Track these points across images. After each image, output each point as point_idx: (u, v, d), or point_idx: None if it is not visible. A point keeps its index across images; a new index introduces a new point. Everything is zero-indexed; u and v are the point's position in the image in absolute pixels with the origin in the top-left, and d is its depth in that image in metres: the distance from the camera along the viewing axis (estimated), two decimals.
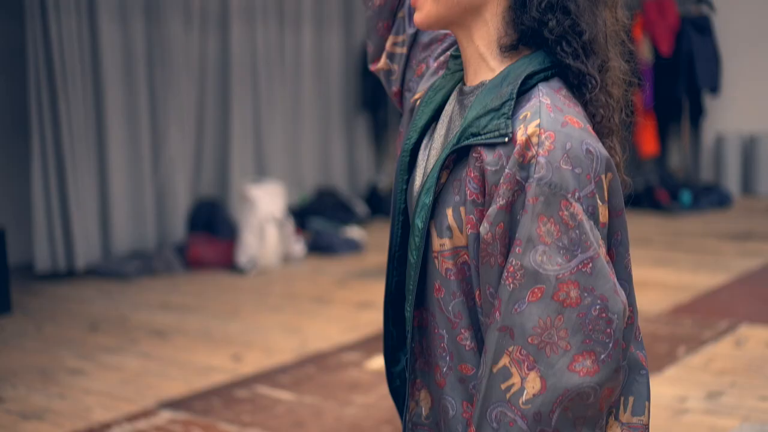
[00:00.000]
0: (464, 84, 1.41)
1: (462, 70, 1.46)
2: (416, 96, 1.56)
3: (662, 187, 8.59)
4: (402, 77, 1.63)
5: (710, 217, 8.16)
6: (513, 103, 1.25)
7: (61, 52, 6.30)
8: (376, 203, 8.43)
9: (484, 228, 1.22)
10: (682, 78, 8.67)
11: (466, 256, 1.28)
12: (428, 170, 1.39)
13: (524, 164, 1.20)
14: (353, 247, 7.07)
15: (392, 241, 1.48)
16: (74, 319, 5.45)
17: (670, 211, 8.29)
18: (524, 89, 1.28)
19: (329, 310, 5.52)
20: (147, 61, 6.89)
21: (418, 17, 1.39)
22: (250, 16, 7.67)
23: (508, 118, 1.24)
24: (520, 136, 1.22)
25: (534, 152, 1.20)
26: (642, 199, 8.41)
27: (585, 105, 1.32)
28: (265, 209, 6.60)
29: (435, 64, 1.57)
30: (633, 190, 1.45)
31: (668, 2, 8.79)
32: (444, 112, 1.44)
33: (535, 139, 1.21)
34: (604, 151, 1.24)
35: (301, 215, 7.60)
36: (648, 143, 8.72)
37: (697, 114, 9.01)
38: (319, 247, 7.06)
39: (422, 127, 1.46)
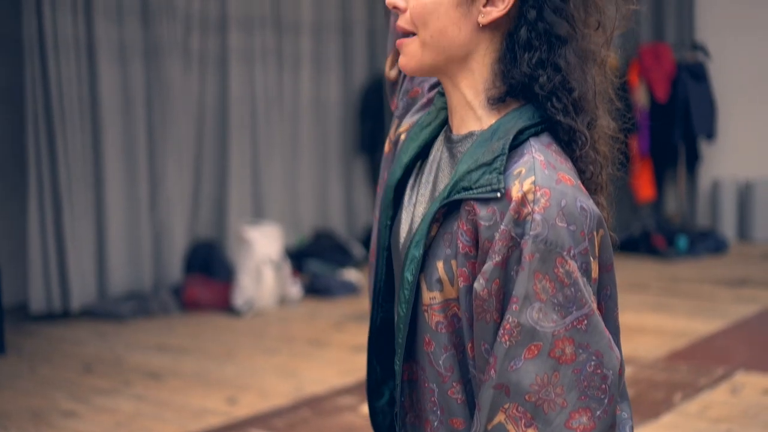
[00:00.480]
0: (450, 130, 1.41)
1: (429, 123, 1.47)
2: (402, 129, 1.56)
3: (659, 232, 8.60)
4: (400, 91, 1.65)
5: (706, 262, 8.16)
6: (505, 158, 1.26)
7: (60, 91, 6.33)
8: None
9: (479, 284, 1.22)
10: (678, 124, 8.71)
11: (456, 308, 1.28)
12: (416, 217, 1.39)
13: (520, 221, 1.21)
14: (350, 289, 7.06)
15: (376, 276, 1.49)
16: (69, 360, 5.43)
17: (667, 256, 8.30)
18: (515, 144, 1.28)
19: (325, 353, 5.50)
20: (145, 102, 6.92)
21: (402, 61, 1.39)
22: (249, 58, 7.72)
23: (500, 173, 1.25)
24: (516, 192, 1.22)
25: (530, 209, 1.20)
26: (638, 244, 8.42)
27: (575, 161, 1.33)
28: (262, 251, 6.59)
29: (428, 94, 1.58)
30: (629, 236, 1.47)
31: (664, 49, 8.86)
32: (432, 157, 1.44)
33: (530, 196, 1.21)
34: (595, 208, 1.25)
35: (298, 257, 7.60)
36: (644, 188, 8.75)
37: (693, 160, 9.04)
38: (315, 289, 7.05)
39: (407, 164, 1.46)
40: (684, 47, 9.03)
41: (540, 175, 1.23)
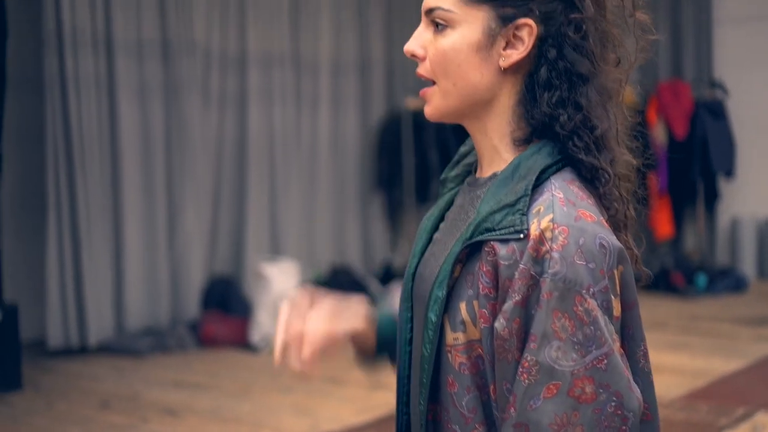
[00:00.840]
0: (475, 176, 1.42)
1: (454, 189, 1.49)
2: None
3: (677, 270, 8.55)
4: None
5: (726, 300, 8.11)
6: (528, 199, 1.26)
7: (80, 129, 6.38)
8: (391, 282, 8.42)
9: (500, 324, 1.22)
10: (697, 161, 8.69)
11: (480, 349, 1.27)
12: (440, 260, 1.38)
13: (538, 259, 1.20)
14: None
15: (401, 333, 1.48)
16: (86, 396, 5.43)
17: (686, 294, 8.25)
18: (537, 183, 1.28)
19: (342, 390, 5.48)
20: (164, 139, 6.96)
21: (427, 110, 1.39)
22: (268, 97, 7.76)
23: (523, 215, 1.24)
24: (534, 230, 1.22)
25: (548, 247, 1.20)
26: (657, 282, 8.37)
27: (599, 198, 1.32)
28: (279, 287, 6.59)
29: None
30: (651, 279, 1.46)
31: (682, 86, 8.86)
32: (455, 204, 1.45)
33: (548, 234, 1.21)
34: (617, 243, 1.24)
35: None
36: (663, 226, 8.71)
37: (712, 197, 9.01)
38: None
39: (420, 251, 1.47)
40: (702, 84, 9.02)
41: (558, 213, 1.22)
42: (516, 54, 1.32)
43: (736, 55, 9.10)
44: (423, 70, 1.37)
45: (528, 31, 1.31)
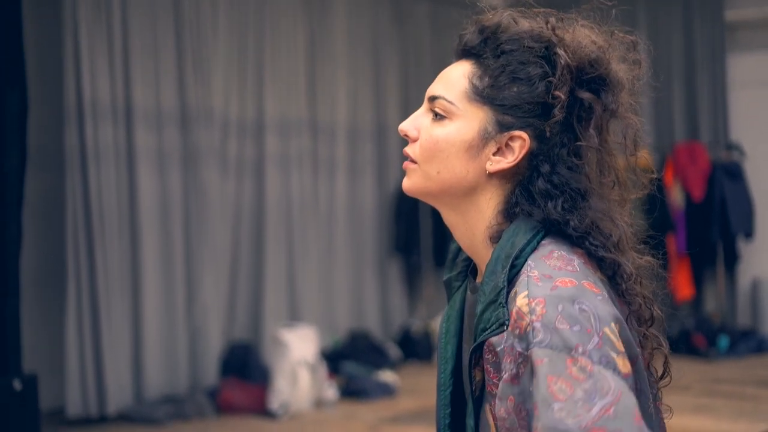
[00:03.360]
0: (475, 281, 1.45)
1: (460, 287, 1.52)
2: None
3: (698, 331, 8.49)
4: None
5: (748, 362, 8.03)
6: (505, 291, 1.28)
7: (99, 198, 6.43)
8: (410, 347, 8.39)
9: (496, 406, 1.23)
10: (716, 223, 8.67)
11: None
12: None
13: (522, 335, 1.21)
14: (386, 391, 7.00)
15: None
16: None
17: (708, 356, 8.18)
18: (516, 271, 1.30)
19: None
20: (183, 207, 7.00)
21: (405, 183, 1.44)
22: (285, 164, 7.82)
23: (503, 307, 1.26)
24: (513, 310, 1.24)
25: (528, 320, 1.21)
26: (678, 345, 8.31)
27: (621, 294, 1.33)
28: (297, 353, 6.57)
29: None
30: (668, 336, 1.46)
31: (699, 148, 8.87)
32: (466, 316, 1.48)
33: (525, 309, 1.22)
34: (600, 305, 1.24)
35: (334, 359, 7.56)
36: (683, 287, 8.67)
37: (731, 258, 8.97)
38: (351, 391, 6.99)
39: (452, 356, 1.49)
40: (719, 146, 9.03)
41: (533, 289, 1.24)
42: (504, 162, 1.36)
43: (752, 117, 9.12)
44: (411, 150, 1.41)
45: (521, 144, 1.35)
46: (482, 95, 1.36)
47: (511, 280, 1.29)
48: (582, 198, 1.34)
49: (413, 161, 1.41)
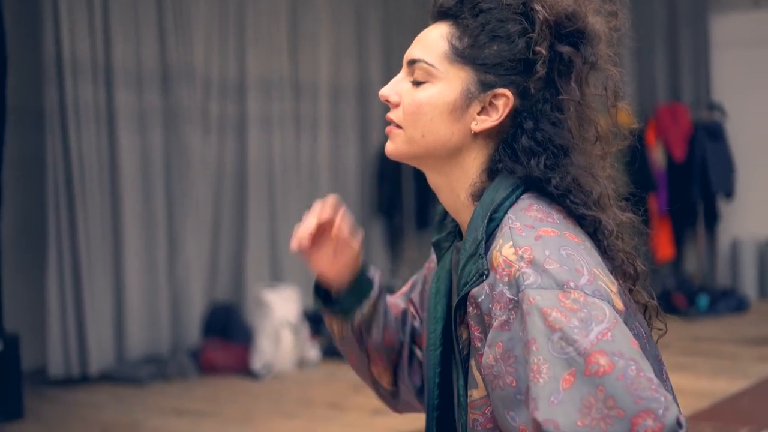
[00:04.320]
0: (461, 239, 1.44)
1: (450, 248, 1.50)
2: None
3: (679, 291, 8.55)
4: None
5: (728, 321, 8.10)
6: (484, 243, 1.28)
7: (80, 159, 6.39)
8: None
9: (485, 354, 1.22)
10: (696, 183, 8.70)
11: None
12: None
13: (511, 281, 1.21)
14: None
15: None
16: (86, 425, 5.41)
17: (688, 315, 8.24)
18: (495, 224, 1.30)
19: (344, 416, 5.46)
20: (164, 167, 6.97)
21: (388, 148, 1.45)
22: (267, 123, 7.78)
23: (482, 257, 1.26)
24: (497, 260, 1.23)
25: (517, 266, 1.21)
26: (659, 304, 8.34)
27: (603, 251, 1.33)
28: (279, 314, 6.59)
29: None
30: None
31: (681, 108, 8.88)
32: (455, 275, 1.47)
33: (513, 257, 1.22)
34: (586, 255, 1.25)
35: (317, 320, 7.56)
36: (663, 248, 8.71)
37: (712, 219, 9.02)
38: (334, 352, 7.01)
39: (442, 317, 1.48)
40: (700, 107, 9.05)
41: (517, 239, 1.24)
42: (489, 121, 1.35)
43: (734, 77, 9.13)
44: (394, 116, 1.41)
45: (504, 101, 1.34)
46: (462, 55, 1.35)
47: (491, 234, 1.29)
48: (564, 154, 1.33)
49: (398, 126, 1.40)
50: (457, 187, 1.39)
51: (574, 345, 1.15)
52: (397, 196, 8.61)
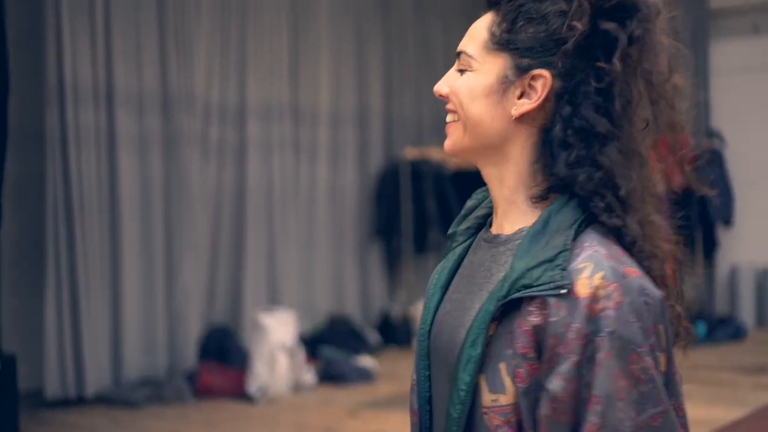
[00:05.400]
0: (490, 231, 1.41)
1: (464, 242, 1.47)
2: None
3: None
4: None
5: (726, 349, 8.08)
6: (568, 254, 1.24)
7: (80, 182, 6.42)
8: (389, 332, 8.41)
9: (557, 386, 1.20)
10: (695, 210, 8.71)
11: (520, 412, 1.25)
12: (464, 318, 1.36)
13: (592, 318, 1.18)
14: (365, 376, 7.02)
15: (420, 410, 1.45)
16: None
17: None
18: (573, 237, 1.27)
19: None
20: (163, 191, 6.99)
21: (447, 144, 1.40)
22: (267, 149, 7.81)
23: (563, 269, 1.22)
24: (584, 288, 1.20)
25: (603, 305, 1.19)
26: None
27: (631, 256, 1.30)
28: (276, 337, 6.59)
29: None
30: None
31: (681, 136, 8.89)
32: (471, 261, 1.43)
33: (602, 292, 1.19)
34: (659, 294, 1.23)
35: (313, 343, 7.58)
36: None
37: (710, 246, 9.02)
38: (330, 376, 7.01)
39: (434, 307, 1.45)
40: (700, 134, 9.06)
41: (608, 270, 1.21)
42: (528, 104, 1.31)
43: (734, 104, 9.16)
44: (450, 104, 1.38)
45: (543, 82, 1.31)
46: (499, 42, 1.33)
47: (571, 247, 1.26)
48: (602, 144, 1.29)
49: (453, 113, 1.38)
50: (507, 179, 1.35)
51: (628, 422, 1.16)
52: (395, 220, 8.63)
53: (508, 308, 1.25)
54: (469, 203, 1.51)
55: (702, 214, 8.75)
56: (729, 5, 9.17)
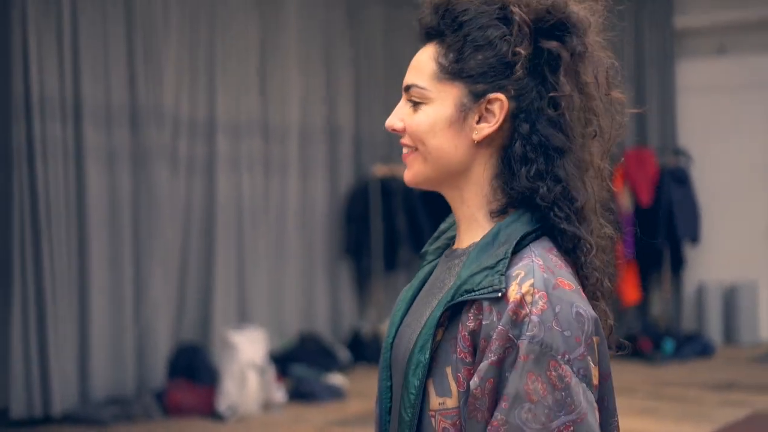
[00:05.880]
0: (451, 248, 1.45)
1: (433, 261, 1.51)
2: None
3: (645, 335, 8.58)
4: None
5: (693, 366, 8.13)
6: (507, 261, 1.28)
7: (47, 197, 6.35)
8: (359, 349, 8.39)
9: (474, 382, 1.23)
10: (662, 228, 8.77)
11: None
12: (416, 327, 1.39)
13: (517, 322, 1.22)
14: (335, 394, 6.99)
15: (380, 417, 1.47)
16: None
17: (653, 359, 8.27)
18: (516, 249, 1.31)
19: None
20: (132, 207, 6.94)
21: (407, 175, 1.44)
22: (236, 164, 7.78)
23: (501, 275, 1.26)
24: (514, 294, 1.24)
25: (527, 311, 1.22)
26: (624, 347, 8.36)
27: (579, 268, 1.35)
28: (246, 355, 6.54)
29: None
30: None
31: (647, 154, 8.97)
32: (432, 277, 1.47)
33: (528, 298, 1.23)
34: (593, 314, 1.26)
35: (283, 361, 7.53)
36: (629, 291, 8.76)
37: (677, 263, 9.08)
38: (300, 394, 6.97)
39: (398, 321, 1.48)
40: (667, 152, 9.15)
41: (539, 279, 1.25)
42: (488, 127, 1.35)
43: (700, 123, 9.25)
44: (405, 139, 1.42)
45: (499, 105, 1.35)
46: (450, 72, 1.37)
47: (512, 257, 1.30)
48: (558, 156, 1.33)
49: (411, 147, 1.41)
50: (468, 199, 1.40)
51: (535, 424, 1.18)
52: (365, 238, 8.62)
53: (453, 313, 1.30)
54: (442, 226, 1.56)
55: (669, 231, 8.81)
56: (695, 26, 9.27)
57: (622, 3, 1.53)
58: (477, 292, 1.26)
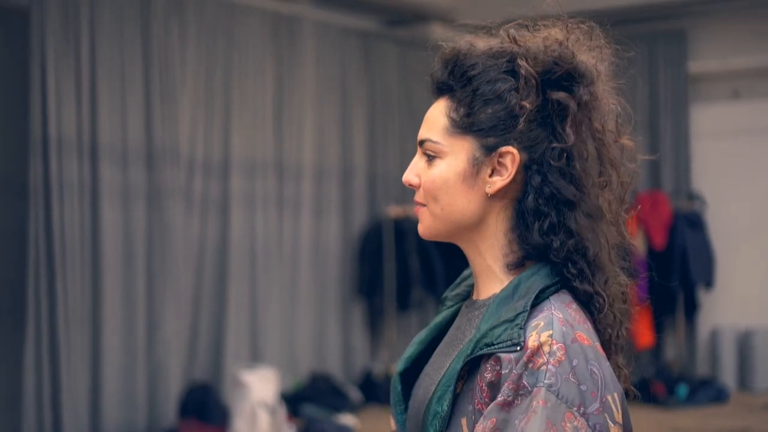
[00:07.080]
0: (472, 298, 1.46)
1: (452, 307, 1.53)
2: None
3: (658, 380, 8.52)
4: None
5: (707, 411, 8.06)
6: (527, 315, 1.29)
7: (62, 233, 6.38)
8: (371, 390, 8.35)
9: (479, 422, 1.24)
10: (676, 272, 8.74)
11: None
12: (431, 379, 1.40)
13: (534, 370, 1.23)
14: None
15: None
16: None
17: (667, 404, 8.20)
18: (536, 302, 1.31)
19: None
20: (146, 245, 6.96)
21: (420, 229, 1.46)
22: (250, 203, 7.81)
23: (521, 328, 1.27)
24: (532, 342, 1.25)
25: (545, 360, 1.23)
26: (638, 392, 8.31)
27: (594, 322, 1.34)
28: (257, 395, 6.53)
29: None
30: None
31: (661, 197, 8.96)
32: (453, 326, 1.48)
33: (546, 348, 1.24)
34: (609, 372, 1.27)
35: (294, 401, 7.51)
36: (643, 335, 8.71)
37: (691, 307, 9.04)
38: None
39: (408, 358, 1.50)
40: (681, 196, 9.14)
41: (557, 331, 1.26)
42: (500, 181, 1.37)
43: (714, 167, 9.25)
44: (418, 197, 1.45)
45: (511, 158, 1.36)
46: (461, 126, 1.38)
47: (532, 309, 1.30)
48: (569, 209, 1.34)
49: (422, 204, 1.42)
50: (484, 251, 1.40)
51: None
52: (378, 277, 8.61)
53: (473, 366, 1.30)
54: (465, 272, 1.57)
55: (683, 275, 8.78)
56: (709, 71, 9.29)
57: (634, 49, 1.54)
58: (496, 346, 1.26)
